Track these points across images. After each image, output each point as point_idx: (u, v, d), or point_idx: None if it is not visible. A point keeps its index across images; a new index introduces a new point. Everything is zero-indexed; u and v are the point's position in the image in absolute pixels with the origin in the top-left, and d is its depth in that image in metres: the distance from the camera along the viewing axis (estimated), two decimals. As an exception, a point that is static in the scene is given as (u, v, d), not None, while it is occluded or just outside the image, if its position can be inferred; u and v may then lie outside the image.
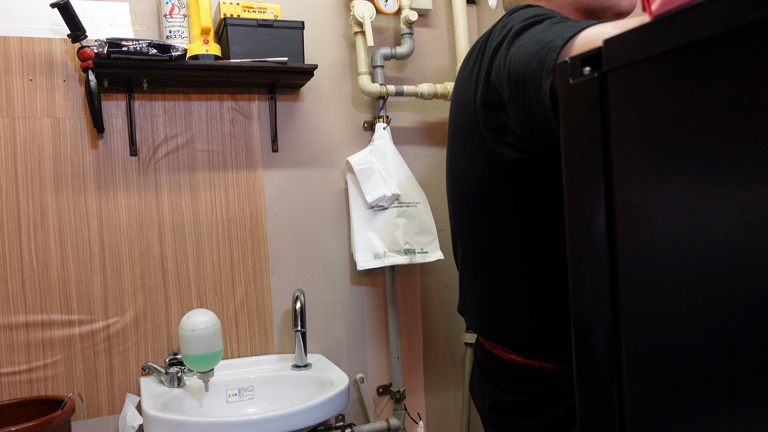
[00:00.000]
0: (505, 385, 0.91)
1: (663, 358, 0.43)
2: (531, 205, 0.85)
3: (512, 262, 0.88)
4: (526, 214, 0.85)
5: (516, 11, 0.82)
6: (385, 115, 1.83)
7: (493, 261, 0.91)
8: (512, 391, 0.90)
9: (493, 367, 0.94)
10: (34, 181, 1.54)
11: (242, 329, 1.74)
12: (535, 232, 0.85)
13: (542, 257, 0.85)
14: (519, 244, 0.87)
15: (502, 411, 0.92)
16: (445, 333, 2.00)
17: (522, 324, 0.88)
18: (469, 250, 0.97)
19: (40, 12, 1.55)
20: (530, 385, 0.88)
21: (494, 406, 0.94)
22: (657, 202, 0.43)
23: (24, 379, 1.52)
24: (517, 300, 0.88)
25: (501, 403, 0.92)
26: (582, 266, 0.51)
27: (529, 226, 0.85)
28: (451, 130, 0.97)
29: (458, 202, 0.97)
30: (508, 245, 0.88)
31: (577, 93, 0.50)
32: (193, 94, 1.69)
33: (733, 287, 0.38)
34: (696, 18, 0.38)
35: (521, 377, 0.89)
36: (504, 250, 0.89)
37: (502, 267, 0.90)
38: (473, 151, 0.89)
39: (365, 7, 1.74)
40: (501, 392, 0.92)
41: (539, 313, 0.86)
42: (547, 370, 0.86)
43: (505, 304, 0.90)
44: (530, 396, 0.87)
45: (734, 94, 0.37)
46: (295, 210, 1.80)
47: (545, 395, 0.86)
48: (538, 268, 0.86)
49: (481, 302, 0.95)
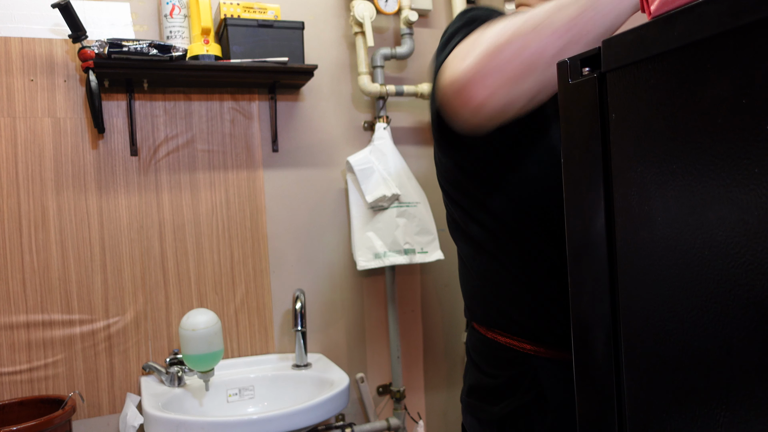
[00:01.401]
0: (485, 366, 0.92)
1: (662, 358, 0.44)
2: (489, 191, 0.87)
3: (488, 246, 0.90)
4: (487, 201, 0.88)
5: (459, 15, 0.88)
6: (385, 115, 1.83)
7: (472, 246, 0.94)
8: (490, 373, 0.91)
9: (477, 347, 0.95)
10: (34, 181, 1.55)
11: (242, 329, 1.74)
12: (500, 218, 0.87)
13: (512, 241, 0.87)
14: (490, 229, 0.89)
15: (477, 394, 0.93)
16: (445, 333, 2.00)
17: (501, 304, 0.89)
18: (455, 235, 1.00)
19: (40, 12, 1.55)
20: (507, 368, 0.88)
21: (472, 389, 0.95)
22: (656, 202, 0.43)
23: (25, 379, 1.53)
24: (495, 281, 0.90)
25: (478, 386, 0.93)
26: (582, 266, 0.51)
27: (492, 212, 0.88)
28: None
29: (443, 191, 1.01)
30: (482, 231, 0.91)
31: (577, 93, 0.50)
32: (193, 94, 1.69)
33: (732, 287, 0.38)
34: (695, 18, 0.38)
35: (500, 358, 0.90)
36: (479, 235, 0.91)
37: (480, 251, 0.92)
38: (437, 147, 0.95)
39: (365, 8, 1.74)
40: (480, 374, 0.93)
41: (522, 293, 0.87)
42: (525, 351, 0.87)
43: (485, 285, 0.92)
44: (505, 379, 0.88)
45: (733, 94, 0.37)
46: (295, 210, 1.80)
47: (520, 378, 0.87)
48: (510, 251, 0.88)
49: (468, 285, 0.98)
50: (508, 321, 0.89)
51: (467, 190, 0.91)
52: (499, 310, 0.90)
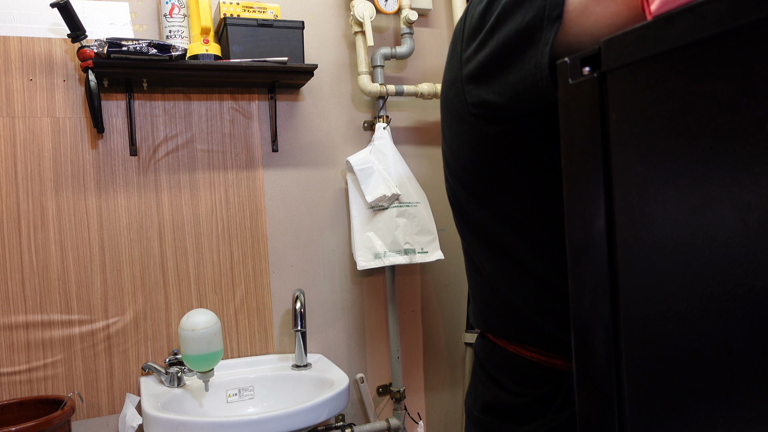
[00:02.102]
0: (508, 383, 0.82)
1: (662, 358, 0.43)
2: (525, 181, 0.77)
3: (514, 246, 0.79)
4: (520, 193, 0.77)
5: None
6: (385, 114, 1.83)
7: (491, 248, 0.83)
8: (514, 391, 0.81)
9: (495, 362, 0.85)
10: (34, 181, 1.54)
11: (242, 329, 1.74)
12: (533, 214, 0.77)
13: (546, 242, 0.77)
14: (517, 228, 0.78)
15: (497, 412, 0.83)
16: (445, 333, 2.00)
17: (526, 315, 0.79)
18: (466, 236, 0.89)
19: (40, 12, 1.55)
20: (536, 386, 0.79)
21: (488, 406, 0.85)
22: (656, 202, 0.43)
23: (24, 379, 1.52)
24: (519, 288, 0.80)
25: (497, 404, 0.83)
26: (582, 266, 0.51)
27: (524, 207, 0.77)
28: (443, 110, 0.89)
29: (452, 187, 0.89)
30: (508, 227, 0.80)
31: (577, 93, 0.50)
32: (193, 94, 1.69)
33: (732, 287, 0.38)
34: (695, 18, 0.38)
35: (527, 375, 0.80)
36: (504, 232, 0.80)
37: (502, 254, 0.81)
38: (463, 128, 0.82)
39: (365, 7, 1.74)
40: (500, 391, 0.83)
41: (544, 304, 0.77)
42: (556, 367, 0.77)
43: (506, 293, 0.82)
44: (533, 398, 0.78)
45: (733, 94, 0.37)
46: (295, 210, 1.80)
47: (551, 397, 0.77)
48: (541, 252, 0.77)
49: (482, 292, 0.87)
50: (537, 335, 0.79)
51: (496, 174, 0.79)
52: (526, 323, 0.79)
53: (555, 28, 0.61)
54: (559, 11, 0.61)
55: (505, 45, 0.68)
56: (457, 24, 0.84)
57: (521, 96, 0.68)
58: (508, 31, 0.67)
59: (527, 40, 0.64)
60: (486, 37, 0.72)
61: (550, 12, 0.61)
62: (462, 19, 0.82)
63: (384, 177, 1.73)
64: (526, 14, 0.64)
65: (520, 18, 0.65)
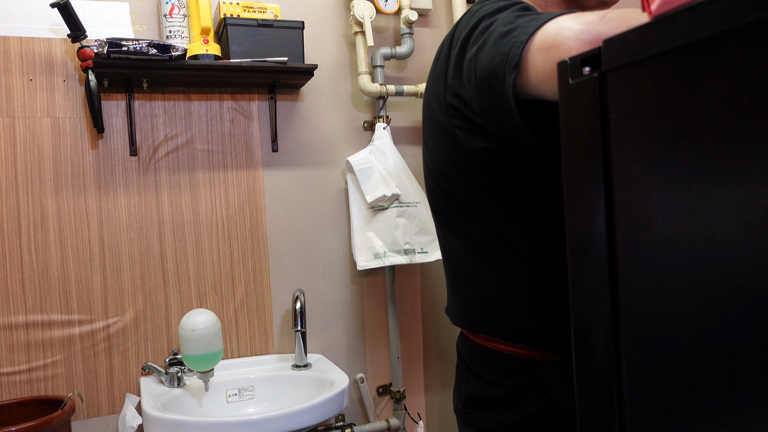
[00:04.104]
0: (488, 376, 0.88)
1: (662, 358, 0.43)
2: (506, 191, 0.82)
3: (492, 249, 0.85)
4: (500, 201, 0.83)
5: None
6: (385, 114, 1.83)
7: (471, 250, 0.88)
8: (494, 383, 0.87)
9: (476, 357, 0.91)
10: (34, 181, 1.54)
11: (242, 329, 1.74)
12: (512, 219, 0.83)
13: (524, 243, 0.82)
14: (497, 232, 0.84)
15: (479, 404, 0.89)
16: (445, 333, 2.00)
17: (504, 311, 0.85)
18: (447, 239, 0.94)
19: (40, 12, 1.55)
20: (514, 376, 0.85)
21: (471, 399, 0.90)
22: (656, 202, 0.43)
23: (24, 379, 1.52)
24: (498, 286, 0.86)
25: (479, 396, 0.89)
26: (581, 266, 0.51)
27: (504, 212, 0.83)
28: (425, 120, 0.95)
29: (433, 192, 0.95)
30: (486, 233, 0.85)
31: (577, 93, 0.50)
32: (193, 94, 1.69)
33: (732, 287, 0.38)
34: (695, 18, 0.38)
35: (505, 366, 0.86)
36: (484, 235, 0.86)
37: (482, 255, 0.87)
38: (444, 140, 0.87)
39: (365, 7, 1.74)
40: (482, 384, 0.89)
41: (522, 300, 0.83)
42: (531, 358, 0.83)
43: (485, 291, 0.87)
44: (512, 388, 0.84)
45: (733, 94, 0.37)
46: (295, 210, 1.80)
47: (528, 386, 0.83)
48: (519, 253, 0.83)
49: (462, 292, 0.93)
50: (512, 328, 0.85)
51: (477, 184, 0.84)
52: (502, 317, 0.85)
53: (513, 75, 0.64)
54: (516, 61, 0.64)
55: (482, 80, 0.71)
56: (445, 39, 0.89)
57: (501, 126, 0.73)
58: (482, 68, 0.70)
59: (497, 81, 0.68)
60: (467, 69, 0.76)
61: (511, 60, 0.65)
62: (449, 37, 0.86)
63: (384, 177, 1.73)
64: (495, 58, 0.67)
65: (491, 58, 0.68)
